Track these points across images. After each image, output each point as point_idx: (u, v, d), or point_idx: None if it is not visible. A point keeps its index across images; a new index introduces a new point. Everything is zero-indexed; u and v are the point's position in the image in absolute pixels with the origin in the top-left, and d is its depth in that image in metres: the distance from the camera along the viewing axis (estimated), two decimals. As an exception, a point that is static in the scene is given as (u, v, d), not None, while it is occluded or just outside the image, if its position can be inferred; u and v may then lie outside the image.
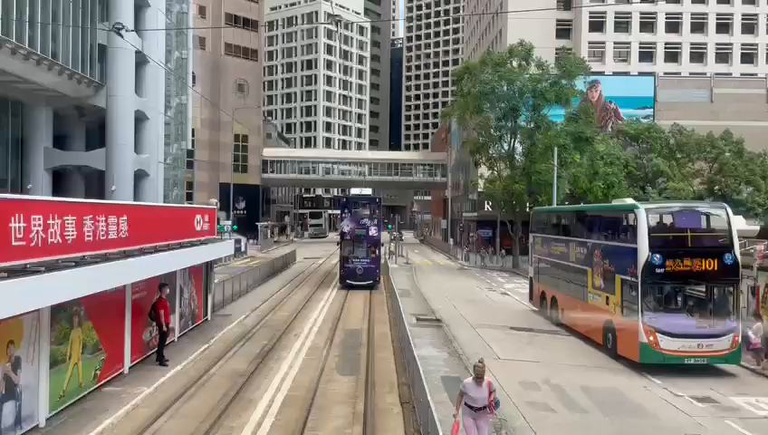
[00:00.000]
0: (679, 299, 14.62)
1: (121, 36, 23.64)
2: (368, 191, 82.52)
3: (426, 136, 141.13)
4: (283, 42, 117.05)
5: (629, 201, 17.36)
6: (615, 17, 58.25)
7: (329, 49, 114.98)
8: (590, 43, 58.11)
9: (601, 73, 56.74)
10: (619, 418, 11.16)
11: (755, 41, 58.62)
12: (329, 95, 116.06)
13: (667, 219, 14.85)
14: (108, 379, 11.79)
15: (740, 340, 14.28)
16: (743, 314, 15.57)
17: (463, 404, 8.58)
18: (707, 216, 14.91)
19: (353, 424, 10.13)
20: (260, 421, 10.12)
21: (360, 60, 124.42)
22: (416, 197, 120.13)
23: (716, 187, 44.03)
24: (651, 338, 14.04)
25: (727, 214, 14.60)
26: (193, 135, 53.93)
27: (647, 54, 58.56)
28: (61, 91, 31.12)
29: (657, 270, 14.06)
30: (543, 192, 34.30)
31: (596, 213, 19.14)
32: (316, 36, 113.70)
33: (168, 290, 13.85)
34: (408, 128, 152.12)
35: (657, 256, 14.05)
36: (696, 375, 13.88)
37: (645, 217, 14.41)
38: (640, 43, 58.51)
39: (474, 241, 53.58)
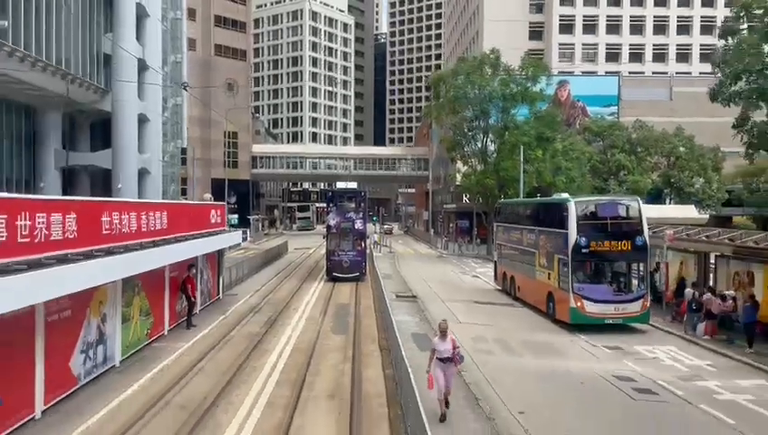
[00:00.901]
0: (601, 272, 18.46)
1: (127, 52, 26.87)
2: (353, 185, 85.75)
3: (410, 129, 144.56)
4: (269, 39, 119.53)
5: (564, 196, 21.15)
6: (583, 20, 62.14)
7: (314, 46, 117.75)
8: (560, 44, 62.00)
9: (571, 73, 60.68)
10: (542, 359, 14.91)
11: (714, 42, 62.83)
12: (314, 91, 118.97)
13: (592, 210, 18.60)
14: (154, 337, 15.28)
15: (648, 304, 18.13)
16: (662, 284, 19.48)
17: (434, 359, 10.61)
18: (624, 207, 18.72)
19: (344, 362, 13.76)
20: (275, 362, 13.69)
21: (345, 56, 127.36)
22: (400, 190, 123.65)
23: (672, 179, 48.24)
24: (579, 304, 17.84)
25: (639, 206, 18.44)
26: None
27: (613, 55, 62.61)
28: (71, 97, 34.12)
29: (583, 250, 17.85)
30: (511, 186, 38.11)
31: (541, 206, 22.93)
32: (301, 34, 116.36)
33: (195, 270, 17.31)
34: (392, 121, 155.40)
35: (584, 238, 17.84)
36: (614, 332, 17.68)
37: (574, 209, 18.17)
38: (607, 45, 62.52)
39: (453, 231, 57.43)
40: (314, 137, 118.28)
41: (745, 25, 15.62)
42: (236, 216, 46.94)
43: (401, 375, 11.27)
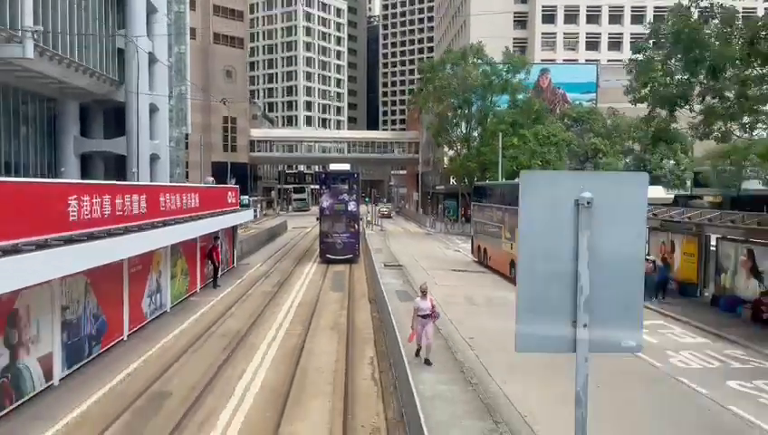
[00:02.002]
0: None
1: (140, 48, 30.29)
2: (346, 167, 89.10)
3: (402, 112, 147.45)
4: (264, 24, 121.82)
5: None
6: (565, 10, 65.45)
7: (308, 31, 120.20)
8: (543, 33, 65.41)
9: (553, 61, 64.19)
10: (496, 308, 18.95)
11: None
12: (308, 76, 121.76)
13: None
14: (190, 293, 19.20)
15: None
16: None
17: (416, 317, 13.09)
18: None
19: (341, 309, 17.77)
20: (288, 309, 17.67)
21: (338, 41, 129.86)
22: (393, 171, 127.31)
23: (644, 162, 52.24)
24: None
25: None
26: (188, 119, 60.20)
27: (593, 44, 66.11)
28: (89, 89, 37.57)
29: (537, 224, 21.82)
30: (491, 170, 42.00)
31: (505, 187, 26.88)
32: (295, 19, 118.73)
33: (219, 241, 21.19)
34: (385, 104, 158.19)
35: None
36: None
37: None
38: (587, 34, 65.97)
39: (440, 211, 61.41)
40: (309, 120, 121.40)
41: (651, 44, 19.32)
42: (247, 196, 50.75)
43: (384, 317, 15.24)
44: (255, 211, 47.95)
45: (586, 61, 64.80)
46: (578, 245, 3.57)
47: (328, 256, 27.88)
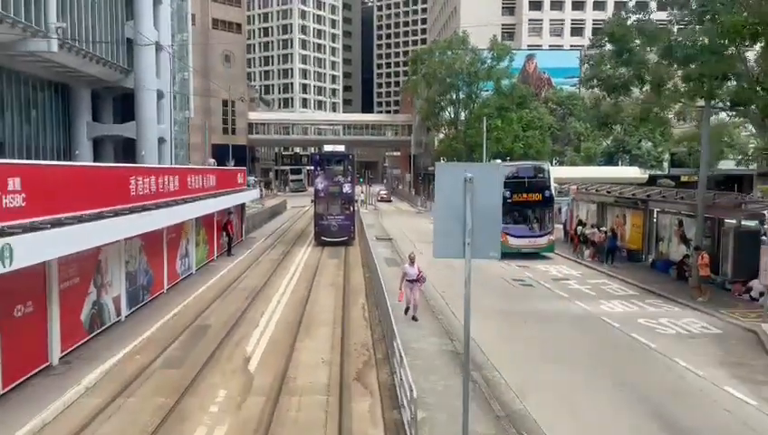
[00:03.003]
0: (520, 216, 25.79)
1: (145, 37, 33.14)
2: (341, 148, 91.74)
3: (397, 93, 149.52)
4: (260, 7, 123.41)
5: (497, 162, 28.41)
6: (550, -4, 68.04)
7: (303, 14, 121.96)
8: (530, 20, 68.05)
9: (540, 47, 66.97)
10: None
11: (668, 17, 69.05)
12: (304, 58, 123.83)
13: (515, 172, 25.81)
14: (209, 260, 22.53)
15: (553, 239, 25.58)
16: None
17: (404, 281, 15.81)
18: (537, 168, 25.96)
19: (338, 272, 21.20)
20: (293, 272, 21.04)
21: (333, 23, 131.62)
22: (387, 153, 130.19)
23: (623, 144, 55.49)
24: (504, 239, 25.23)
25: (548, 168, 25.70)
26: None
27: (577, 30, 68.74)
28: (100, 77, 40.38)
29: (508, 200, 25.10)
30: (477, 151, 45.20)
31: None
32: (291, 2, 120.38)
33: (232, 215, 24.49)
34: (380, 85, 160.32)
35: (508, 192, 25.07)
36: (528, 258, 25.12)
37: (500, 170, 25.43)
38: (572, 20, 68.63)
39: (431, 191, 64.69)
40: (305, 102, 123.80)
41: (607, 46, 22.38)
42: (252, 177, 54.00)
43: (374, 276, 18.59)
44: (262, 191, 51.26)
45: (571, 46, 67.53)
46: (465, 201, 6.87)
47: (323, 238, 28.06)
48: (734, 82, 17.26)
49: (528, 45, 65.77)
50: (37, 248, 8.51)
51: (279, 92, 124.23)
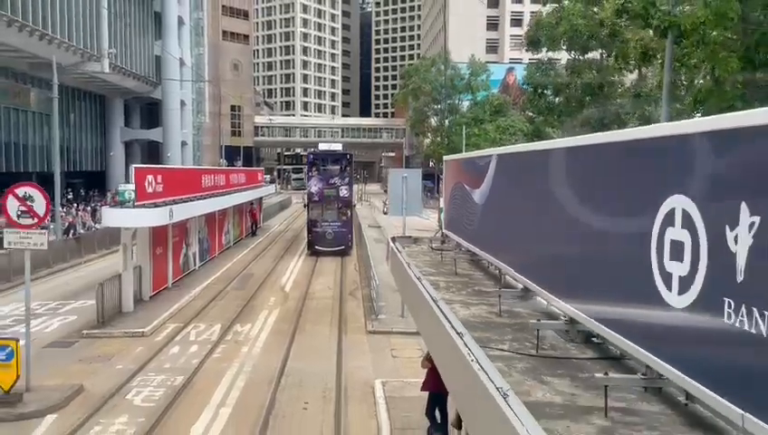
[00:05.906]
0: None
1: (174, 57, 40.19)
2: (337, 146, 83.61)
3: (394, 96, 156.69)
4: (263, 15, 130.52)
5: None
6: (530, 16, 74.99)
7: (304, 22, 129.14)
8: (511, 36, 75.16)
9: (520, 60, 74.07)
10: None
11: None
12: (305, 64, 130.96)
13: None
14: (240, 238, 29.60)
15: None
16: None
17: None
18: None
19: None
20: (303, 248, 28.07)
21: (332, 30, 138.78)
22: (384, 154, 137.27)
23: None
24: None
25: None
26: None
27: (554, 45, 75.81)
28: (134, 89, 47.42)
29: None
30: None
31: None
32: (293, 11, 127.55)
33: (256, 205, 31.58)
34: (377, 88, 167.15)
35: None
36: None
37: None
38: (549, 36, 75.68)
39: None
40: (305, 105, 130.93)
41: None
42: (268, 176, 61.07)
43: (364, 252, 25.62)
44: (277, 187, 58.55)
45: (548, 60, 74.48)
46: (403, 188, 14.03)
47: (317, 247, 24.81)
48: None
49: (510, 59, 72.82)
50: (179, 212, 15.65)
51: (281, 96, 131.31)
